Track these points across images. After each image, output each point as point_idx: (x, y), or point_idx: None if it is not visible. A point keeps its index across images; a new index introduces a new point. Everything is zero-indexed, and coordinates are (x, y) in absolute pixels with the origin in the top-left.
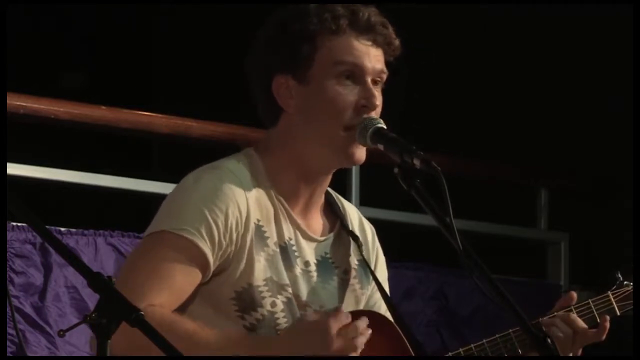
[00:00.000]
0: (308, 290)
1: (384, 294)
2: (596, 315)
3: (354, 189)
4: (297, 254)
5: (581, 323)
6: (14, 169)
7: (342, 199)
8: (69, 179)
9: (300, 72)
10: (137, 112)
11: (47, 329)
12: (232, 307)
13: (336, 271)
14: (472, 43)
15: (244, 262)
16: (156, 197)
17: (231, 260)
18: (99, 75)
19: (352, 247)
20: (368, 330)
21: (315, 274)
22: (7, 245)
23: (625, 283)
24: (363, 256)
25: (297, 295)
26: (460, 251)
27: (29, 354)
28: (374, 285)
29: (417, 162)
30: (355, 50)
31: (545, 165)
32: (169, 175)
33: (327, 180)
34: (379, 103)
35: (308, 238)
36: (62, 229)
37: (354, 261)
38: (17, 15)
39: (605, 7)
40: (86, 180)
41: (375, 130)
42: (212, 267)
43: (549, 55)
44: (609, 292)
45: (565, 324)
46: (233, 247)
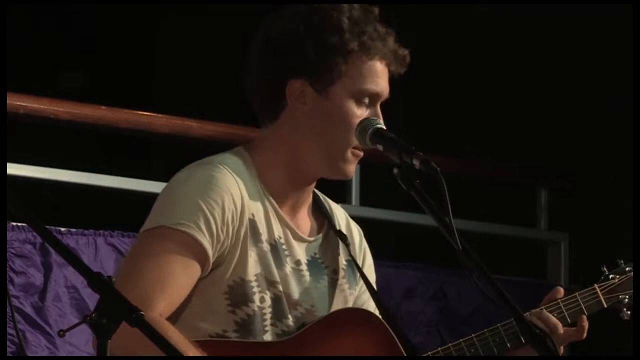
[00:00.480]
0: (300, 290)
1: (373, 293)
2: (583, 308)
3: (354, 189)
4: (287, 252)
5: (554, 320)
6: (14, 169)
7: (329, 200)
8: (69, 179)
9: (323, 84)
10: (137, 112)
11: (47, 329)
12: (224, 302)
13: (326, 271)
14: (472, 43)
15: (237, 256)
16: (156, 197)
17: (226, 255)
18: (99, 75)
19: (341, 247)
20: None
21: (307, 274)
22: (7, 245)
23: (610, 276)
24: (351, 256)
25: (287, 294)
26: (460, 251)
27: (29, 354)
28: (361, 284)
29: (416, 162)
30: (379, 77)
31: (545, 165)
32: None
33: (315, 182)
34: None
35: (298, 238)
36: (62, 229)
37: (342, 261)
38: (17, 15)
39: (605, 6)
40: (86, 180)
41: (375, 131)
42: (212, 261)
43: (548, 55)
44: (596, 285)
45: (540, 320)
46: (229, 241)
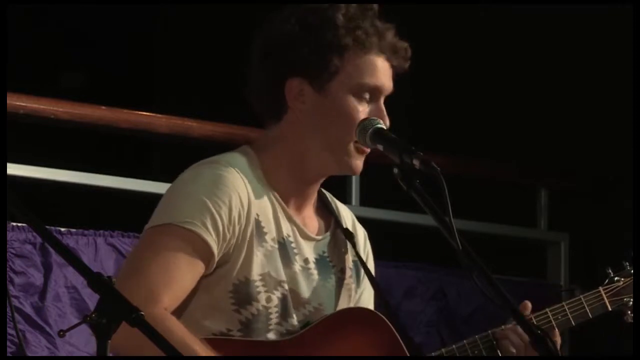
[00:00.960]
0: (308, 288)
1: (378, 292)
2: (588, 311)
3: (354, 189)
4: (295, 251)
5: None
6: (14, 169)
7: (335, 199)
8: (69, 179)
9: (320, 82)
10: (137, 112)
11: (47, 329)
12: (229, 301)
13: (333, 270)
14: (472, 43)
15: (243, 256)
16: (156, 198)
17: (232, 254)
18: (99, 75)
19: (348, 246)
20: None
21: (315, 272)
22: (7, 245)
23: (616, 279)
24: (358, 255)
25: (294, 292)
26: (460, 251)
27: (29, 354)
28: (365, 284)
29: (416, 162)
30: (379, 72)
31: (545, 165)
32: (169, 175)
33: (321, 181)
34: (388, 123)
35: (306, 237)
36: (62, 229)
37: (349, 260)
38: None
39: (605, 6)
40: (86, 180)
41: (375, 131)
42: (217, 260)
43: (548, 55)
44: (600, 288)
45: (517, 335)
46: (235, 240)
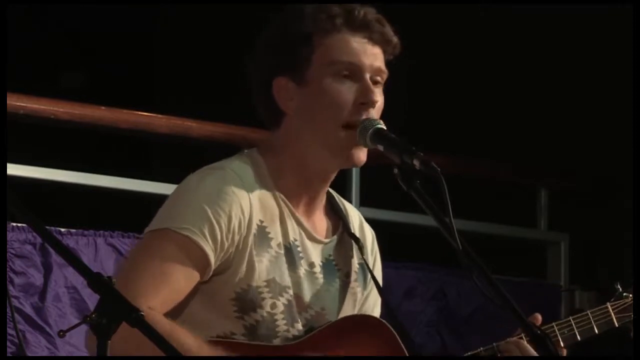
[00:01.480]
0: (311, 292)
1: (384, 298)
2: (594, 327)
3: (354, 189)
4: (301, 254)
5: (533, 352)
6: (14, 169)
7: (344, 200)
8: (69, 179)
9: (299, 74)
10: (137, 112)
11: (47, 329)
12: (232, 308)
13: (338, 274)
14: (472, 43)
15: (245, 264)
16: (156, 198)
17: (232, 262)
18: (99, 75)
19: (354, 249)
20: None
21: (320, 276)
22: (7, 246)
23: (624, 294)
24: (364, 259)
25: (298, 297)
26: (460, 251)
27: (29, 354)
28: (371, 288)
29: (416, 162)
30: (351, 48)
31: (545, 165)
32: (168, 175)
33: (329, 181)
34: (377, 99)
35: (313, 239)
36: (62, 229)
37: (355, 264)
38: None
39: (605, 6)
40: (86, 181)
41: (375, 131)
42: (213, 268)
43: (548, 55)
44: (608, 304)
45: (519, 350)
46: (234, 249)
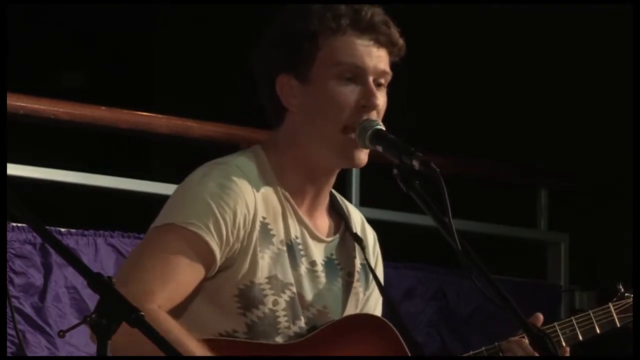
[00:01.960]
0: (313, 290)
1: (386, 298)
2: (596, 327)
3: (354, 189)
4: (302, 252)
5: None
6: (14, 169)
7: (346, 201)
8: (69, 179)
9: (302, 72)
10: (137, 112)
11: (47, 329)
12: (235, 304)
13: (341, 273)
14: (472, 43)
15: (248, 260)
16: (156, 198)
17: (236, 258)
18: (99, 75)
19: (356, 249)
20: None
21: (322, 274)
22: (7, 246)
23: (626, 295)
24: (366, 259)
25: (300, 295)
26: (459, 251)
27: (29, 354)
28: (373, 288)
29: (415, 163)
30: (356, 50)
31: (545, 165)
32: (168, 175)
33: (332, 180)
34: (379, 103)
35: (315, 238)
36: (62, 230)
37: (357, 264)
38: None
39: (605, 7)
40: (86, 181)
41: (374, 132)
42: (218, 263)
43: (549, 56)
44: (610, 304)
45: (521, 349)
46: (239, 245)
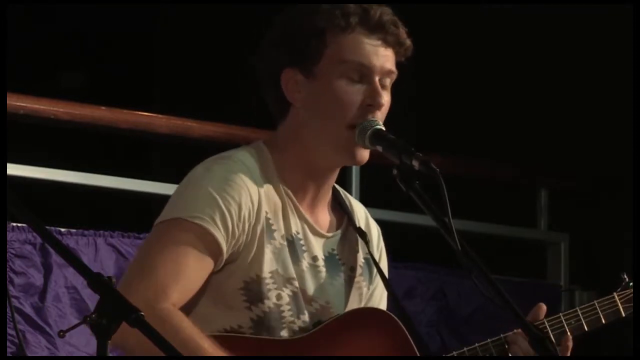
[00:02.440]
0: (315, 285)
1: (390, 292)
2: (601, 317)
3: (354, 189)
4: (304, 248)
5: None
6: (14, 169)
7: (349, 196)
8: (69, 179)
9: (308, 67)
10: (137, 112)
11: (47, 329)
12: (241, 298)
13: (343, 268)
14: (472, 43)
15: (253, 253)
16: (156, 198)
17: (241, 251)
18: (99, 75)
19: (359, 244)
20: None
21: (323, 269)
22: (7, 246)
23: (630, 284)
24: (370, 253)
25: (303, 290)
26: (459, 251)
27: (29, 354)
28: (378, 282)
29: (415, 163)
30: (364, 49)
31: (545, 165)
32: (168, 175)
33: (334, 176)
34: (384, 102)
35: (316, 233)
36: (62, 230)
37: (361, 258)
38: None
39: (605, 6)
40: (86, 181)
41: (374, 132)
42: (225, 256)
43: (549, 55)
44: (615, 294)
45: (526, 341)
46: (244, 238)
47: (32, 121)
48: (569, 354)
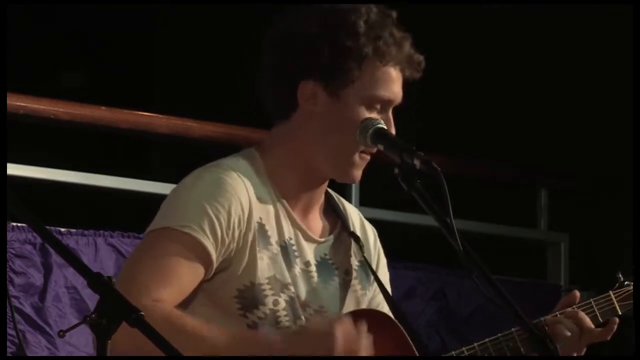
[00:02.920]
0: (307, 290)
1: (387, 295)
2: (598, 315)
3: (354, 189)
4: (296, 253)
5: (589, 321)
6: (14, 169)
7: (343, 199)
8: (69, 179)
9: (335, 87)
10: (137, 112)
11: (47, 329)
12: (235, 305)
13: (337, 272)
14: (472, 43)
15: (245, 261)
16: (156, 198)
17: (233, 258)
18: (99, 75)
19: (353, 248)
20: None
21: (315, 275)
22: (7, 246)
23: (626, 283)
24: (364, 257)
25: (298, 295)
26: (460, 251)
27: (29, 354)
28: (376, 286)
29: (417, 162)
30: (393, 84)
31: (545, 165)
32: (168, 175)
33: (326, 183)
34: (394, 130)
35: (308, 239)
36: (62, 229)
37: (355, 262)
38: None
39: (605, 6)
40: (86, 181)
41: (376, 131)
42: (215, 264)
43: (549, 55)
44: (611, 292)
45: (573, 321)
46: (235, 245)
47: (32, 121)
48: (610, 336)
